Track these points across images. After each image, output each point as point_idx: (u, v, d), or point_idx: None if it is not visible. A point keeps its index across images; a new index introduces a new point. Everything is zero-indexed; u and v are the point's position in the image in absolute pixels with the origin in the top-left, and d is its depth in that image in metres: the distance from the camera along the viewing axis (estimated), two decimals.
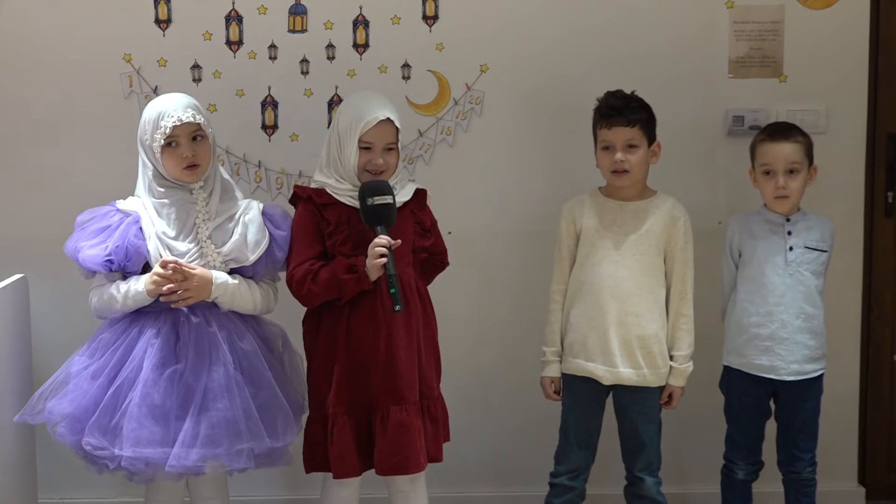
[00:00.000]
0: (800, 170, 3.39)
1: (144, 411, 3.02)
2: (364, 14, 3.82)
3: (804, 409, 3.47)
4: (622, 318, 3.32)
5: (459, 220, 3.79)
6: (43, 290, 3.74)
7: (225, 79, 3.82)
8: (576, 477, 3.42)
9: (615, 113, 3.30)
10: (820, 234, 3.46)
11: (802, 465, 3.49)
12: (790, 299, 3.41)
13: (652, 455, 3.41)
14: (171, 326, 3.12)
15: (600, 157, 3.36)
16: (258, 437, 3.09)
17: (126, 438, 3.00)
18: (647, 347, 3.34)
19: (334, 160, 3.21)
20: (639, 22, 3.84)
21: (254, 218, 3.22)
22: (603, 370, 3.34)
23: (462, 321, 3.74)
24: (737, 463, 3.53)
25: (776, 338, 3.41)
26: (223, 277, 3.15)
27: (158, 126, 3.10)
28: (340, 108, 3.26)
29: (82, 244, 3.13)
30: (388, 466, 3.14)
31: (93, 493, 3.84)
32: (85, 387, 3.09)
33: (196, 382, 3.07)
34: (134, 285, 3.11)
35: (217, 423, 3.05)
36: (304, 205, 3.23)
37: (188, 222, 3.15)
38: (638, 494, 3.43)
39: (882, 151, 3.98)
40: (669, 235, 3.38)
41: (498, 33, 3.83)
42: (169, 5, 3.79)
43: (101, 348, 3.15)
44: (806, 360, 3.43)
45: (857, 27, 3.87)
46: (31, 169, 3.84)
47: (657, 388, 3.38)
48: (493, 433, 3.97)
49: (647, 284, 3.35)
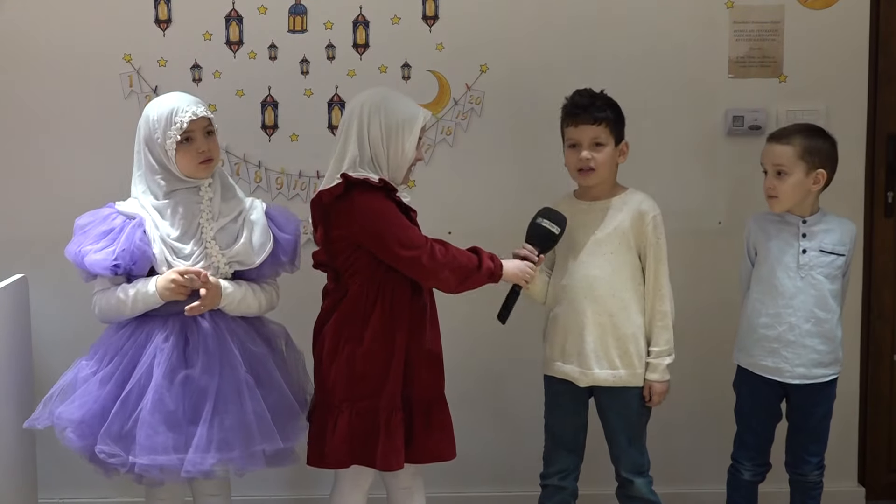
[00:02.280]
0: (788, 172, 3.36)
1: (158, 417, 3.01)
2: (364, 14, 3.83)
3: (814, 413, 3.44)
4: (597, 319, 3.30)
5: (459, 220, 3.80)
6: (43, 290, 3.74)
7: (225, 79, 3.82)
8: (566, 477, 3.42)
9: (581, 111, 3.29)
10: (839, 236, 3.41)
11: (810, 468, 3.48)
12: (800, 302, 3.37)
13: (637, 456, 3.38)
14: (180, 331, 3.10)
15: (567, 156, 3.34)
16: (271, 439, 3.08)
17: (141, 446, 2.99)
18: (623, 348, 3.31)
19: (377, 157, 3.11)
20: (639, 22, 3.84)
21: (258, 219, 3.21)
22: (578, 372, 3.33)
23: (461, 321, 3.74)
24: (743, 463, 3.51)
25: (783, 340, 3.38)
26: (230, 287, 3.13)
27: (173, 122, 3.08)
28: (377, 106, 3.11)
29: (87, 248, 3.10)
30: (430, 454, 3.18)
31: (93, 493, 3.85)
32: (94, 392, 3.07)
33: (208, 386, 3.06)
34: (143, 287, 3.09)
35: (230, 426, 3.04)
36: (382, 194, 3.09)
37: (193, 222, 3.13)
38: (629, 496, 3.41)
39: (882, 151, 3.98)
40: (638, 231, 3.33)
41: (498, 33, 3.84)
42: (169, 5, 3.79)
43: (108, 353, 3.13)
44: (814, 364, 3.39)
45: (857, 27, 3.87)
46: (31, 169, 3.84)
47: (636, 388, 3.34)
48: (493, 433, 3.97)
49: (621, 283, 3.31)
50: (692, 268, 3.78)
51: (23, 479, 3.63)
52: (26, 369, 3.65)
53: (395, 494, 3.32)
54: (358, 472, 3.18)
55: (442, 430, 3.20)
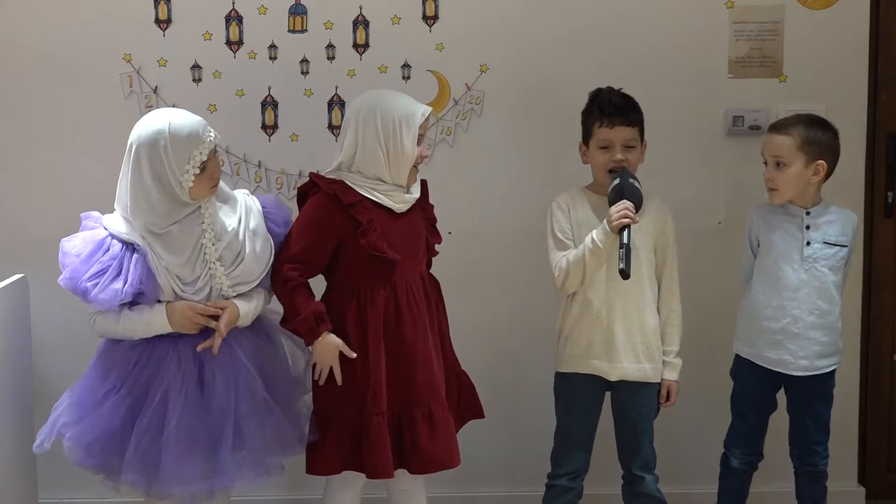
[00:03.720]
0: (787, 163, 3.35)
1: (184, 446, 2.95)
2: (364, 14, 3.83)
3: (817, 403, 3.45)
4: (626, 314, 3.32)
5: (459, 220, 3.79)
6: (43, 290, 3.73)
7: (225, 79, 3.82)
8: (576, 478, 3.42)
9: (618, 113, 3.30)
10: (841, 227, 3.41)
11: (819, 458, 3.49)
12: (804, 295, 3.37)
13: (649, 453, 3.41)
14: (193, 353, 3.04)
15: (596, 155, 3.34)
16: (293, 448, 3.11)
17: (170, 475, 2.94)
18: (647, 343, 3.34)
19: (373, 159, 3.12)
20: (639, 22, 3.84)
21: (258, 227, 3.13)
22: (608, 366, 3.33)
23: (462, 321, 3.73)
24: (733, 450, 3.52)
25: (787, 332, 3.39)
26: (246, 307, 3.09)
27: (191, 156, 2.93)
28: (372, 108, 3.11)
29: (89, 283, 2.95)
30: (437, 462, 3.15)
31: (93, 493, 3.82)
32: (106, 415, 3.00)
33: (227, 408, 3.01)
34: (151, 317, 3.00)
35: (254, 447, 3.03)
36: (326, 201, 3.12)
37: (196, 245, 3.03)
38: (637, 493, 3.43)
39: (882, 151, 3.98)
40: (661, 232, 3.38)
41: (498, 33, 3.84)
42: (169, 5, 3.79)
43: (120, 373, 3.03)
44: (817, 356, 3.40)
45: (857, 27, 3.87)
46: (31, 169, 3.84)
47: (656, 384, 3.38)
48: (494, 433, 3.96)
49: (646, 279, 3.35)
50: (692, 268, 3.77)
51: (23, 479, 3.63)
52: (26, 369, 3.65)
53: (395, 496, 3.32)
54: (347, 473, 3.18)
55: (443, 437, 3.16)
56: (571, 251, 3.30)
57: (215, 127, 3.06)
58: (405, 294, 3.15)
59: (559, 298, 3.43)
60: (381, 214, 3.13)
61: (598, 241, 3.20)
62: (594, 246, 3.21)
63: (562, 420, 3.45)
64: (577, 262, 3.27)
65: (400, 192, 3.17)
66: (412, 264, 3.19)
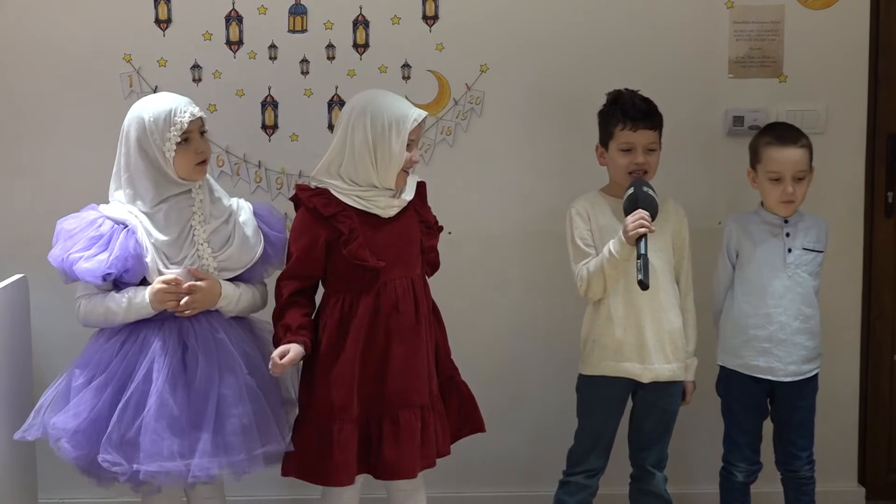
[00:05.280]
0: (805, 175, 3.40)
1: (163, 424, 2.98)
2: (364, 14, 3.83)
3: (800, 407, 3.47)
4: (655, 315, 3.33)
5: (459, 220, 3.79)
6: (43, 290, 3.74)
7: (225, 79, 3.82)
8: (593, 476, 3.43)
9: (642, 116, 3.31)
10: (816, 234, 3.47)
11: (800, 463, 3.49)
12: (789, 301, 3.41)
13: (664, 450, 3.44)
14: (178, 336, 3.08)
15: (617, 158, 3.34)
16: (274, 440, 3.09)
17: (146, 452, 2.96)
18: (674, 342, 3.37)
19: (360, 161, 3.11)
20: (639, 22, 3.84)
21: (248, 220, 3.19)
22: (640, 368, 3.34)
23: (463, 322, 3.74)
24: (737, 465, 3.51)
25: (774, 339, 3.41)
26: (229, 287, 3.13)
27: (172, 123, 3.04)
28: (363, 109, 3.11)
29: (76, 255, 3.04)
30: (397, 471, 3.12)
31: (93, 493, 3.80)
32: (89, 401, 3.03)
33: (210, 391, 3.03)
34: (135, 297, 3.05)
35: (234, 430, 3.03)
36: (308, 215, 3.14)
37: (185, 226, 3.10)
38: (646, 491, 3.44)
39: (882, 151, 3.98)
40: (678, 233, 3.42)
41: (498, 33, 3.84)
42: (169, 5, 3.79)
43: (102, 361, 3.08)
44: (803, 360, 3.43)
45: (857, 27, 3.87)
46: (31, 169, 3.84)
47: (681, 382, 3.41)
48: (494, 433, 3.95)
49: (669, 280, 3.38)
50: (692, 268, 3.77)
51: (22, 479, 3.63)
52: (26, 369, 3.65)
53: (395, 496, 3.32)
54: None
55: (407, 447, 3.12)
56: (592, 260, 3.31)
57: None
58: (390, 302, 3.13)
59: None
60: (367, 221, 3.12)
61: (616, 253, 3.21)
62: (612, 257, 3.22)
63: (585, 420, 3.44)
64: (597, 273, 3.28)
65: (388, 195, 3.16)
66: (400, 269, 3.16)
